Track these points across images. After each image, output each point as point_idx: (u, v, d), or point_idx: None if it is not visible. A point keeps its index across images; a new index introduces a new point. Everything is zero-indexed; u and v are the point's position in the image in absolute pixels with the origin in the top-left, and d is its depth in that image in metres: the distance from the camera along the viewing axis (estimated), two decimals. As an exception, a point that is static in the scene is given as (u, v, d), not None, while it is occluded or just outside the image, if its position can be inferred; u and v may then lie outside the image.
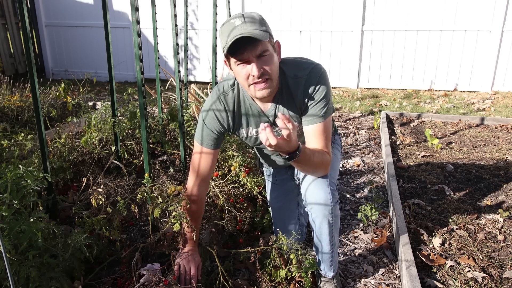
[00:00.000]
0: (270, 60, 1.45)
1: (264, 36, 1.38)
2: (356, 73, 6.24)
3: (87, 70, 7.04)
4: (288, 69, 1.59)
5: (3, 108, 3.79)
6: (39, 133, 2.04)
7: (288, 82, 1.59)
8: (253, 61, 1.41)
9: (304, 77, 1.56)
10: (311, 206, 1.65)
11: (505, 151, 3.41)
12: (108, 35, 2.48)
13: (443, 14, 5.67)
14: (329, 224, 1.65)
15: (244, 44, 1.38)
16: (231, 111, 1.66)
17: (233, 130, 1.73)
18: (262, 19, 1.45)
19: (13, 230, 1.49)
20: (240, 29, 1.37)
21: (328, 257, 1.75)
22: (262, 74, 1.43)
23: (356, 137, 4.07)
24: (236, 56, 1.42)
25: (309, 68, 1.57)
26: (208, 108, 1.67)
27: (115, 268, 1.86)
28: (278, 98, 1.61)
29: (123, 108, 3.07)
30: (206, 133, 1.68)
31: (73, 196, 2.45)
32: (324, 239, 1.71)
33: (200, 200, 1.76)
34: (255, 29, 1.38)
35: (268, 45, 1.43)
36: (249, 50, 1.39)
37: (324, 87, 1.56)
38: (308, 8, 6.13)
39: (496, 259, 1.96)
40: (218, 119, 1.66)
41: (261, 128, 1.30)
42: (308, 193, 1.66)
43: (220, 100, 1.65)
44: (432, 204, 2.53)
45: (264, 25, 1.44)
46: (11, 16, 7.10)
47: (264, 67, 1.43)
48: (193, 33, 6.71)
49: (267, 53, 1.43)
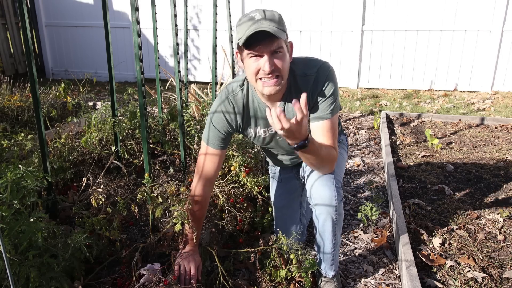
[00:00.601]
0: (283, 58, 1.46)
1: (281, 34, 1.41)
2: (356, 73, 6.24)
3: (87, 70, 7.04)
4: (297, 68, 1.61)
5: (3, 108, 3.79)
6: (39, 133, 2.04)
7: (297, 80, 1.60)
8: (266, 55, 1.43)
9: (313, 74, 1.58)
10: (315, 202, 1.65)
11: (505, 151, 3.41)
12: (108, 35, 2.48)
13: (443, 14, 5.67)
14: (332, 222, 1.65)
15: (261, 38, 1.40)
16: (240, 111, 1.67)
17: (242, 130, 1.74)
18: (281, 17, 1.47)
19: (13, 230, 1.49)
20: (259, 24, 1.40)
21: (329, 256, 1.75)
22: (273, 70, 1.45)
23: (356, 137, 4.07)
24: (250, 48, 1.43)
25: (317, 66, 1.60)
26: (217, 109, 1.68)
27: (115, 268, 1.86)
28: (287, 97, 1.62)
29: (123, 108, 3.07)
30: (213, 134, 1.68)
31: (73, 196, 2.45)
32: (327, 237, 1.70)
33: (203, 201, 1.76)
34: (274, 26, 1.40)
35: (283, 43, 1.45)
36: (264, 45, 1.42)
37: (333, 85, 1.58)
38: (308, 8, 6.13)
39: (496, 259, 1.96)
40: (226, 120, 1.67)
41: (273, 112, 1.27)
42: (313, 190, 1.66)
43: (229, 100, 1.66)
44: (432, 204, 2.53)
45: (282, 24, 1.46)
46: (11, 16, 7.10)
47: (276, 63, 1.45)
48: (195, 34, 6.71)
49: (281, 51, 1.45)
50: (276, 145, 1.83)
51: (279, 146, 1.83)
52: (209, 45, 6.60)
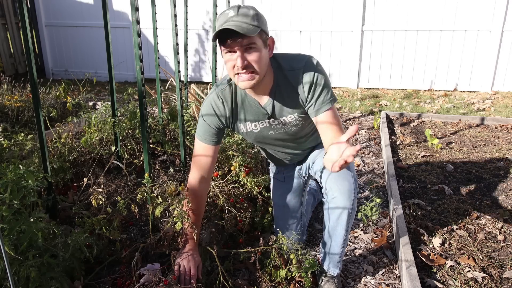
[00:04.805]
0: (256, 54, 1.47)
1: (250, 31, 1.41)
2: (356, 73, 6.24)
3: (87, 70, 7.04)
4: (284, 62, 1.63)
5: (3, 108, 3.79)
6: (39, 133, 2.04)
7: (286, 75, 1.61)
8: (239, 51, 1.45)
9: (301, 68, 1.59)
10: (334, 195, 1.64)
11: (505, 151, 3.41)
12: (108, 35, 2.49)
13: (443, 14, 5.67)
14: (348, 216, 1.65)
15: (232, 34, 1.42)
16: (229, 106, 1.69)
17: (232, 125, 1.75)
18: (256, 14, 1.47)
19: (13, 230, 1.49)
20: (230, 21, 1.42)
21: (338, 252, 1.74)
22: (246, 66, 1.47)
23: (356, 137, 4.07)
24: (223, 44, 1.47)
25: (304, 59, 1.62)
26: (207, 105, 1.71)
27: (115, 268, 1.86)
28: (275, 92, 1.64)
29: (123, 108, 3.07)
30: (205, 129, 1.71)
31: (73, 196, 2.45)
32: (339, 231, 1.69)
33: (200, 197, 1.77)
34: (244, 23, 1.41)
35: (257, 39, 1.46)
36: (234, 41, 1.44)
37: (323, 75, 1.61)
38: (308, 8, 6.13)
39: (496, 259, 1.96)
40: (216, 115, 1.69)
41: (350, 150, 1.21)
42: (332, 182, 1.65)
43: (218, 96, 1.69)
44: (432, 204, 2.53)
45: (257, 20, 1.46)
46: (11, 16, 7.10)
47: (248, 59, 1.47)
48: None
49: (253, 46, 1.46)
50: (271, 142, 1.84)
51: (274, 143, 1.84)
52: (209, 46, 6.60)
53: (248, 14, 1.45)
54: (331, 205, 1.67)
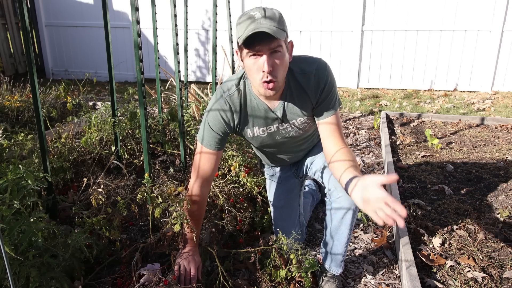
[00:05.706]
0: (282, 57, 1.45)
1: (280, 35, 1.39)
2: (356, 73, 6.24)
3: (87, 70, 7.04)
4: (294, 65, 1.60)
5: (3, 108, 3.79)
6: (39, 133, 2.04)
7: (296, 78, 1.60)
8: (265, 55, 1.41)
9: (313, 71, 1.59)
10: (339, 195, 1.64)
11: (505, 151, 3.41)
12: (108, 35, 2.49)
13: (443, 14, 5.67)
14: (353, 214, 1.65)
15: (260, 37, 1.38)
16: (237, 112, 1.64)
17: (239, 131, 1.71)
18: (281, 16, 1.46)
19: (13, 230, 1.49)
20: (258, 23, 1.38)
21: (341, 251, 1.74)
22: (272, 70, 1.43)
23: (356, 137, 4.07)
24: (250, 48, 1.42)
25: (315, 62, 1.61)
26: (213, 109, 1.64)
27: (115, 268, 1.86)
28: (286, 95, 1.62)
29: (123, 108, 3.07)
30: (209, 135, 1.65)
31: (73, 196, 2.45)
32: (343, 230, 1.69)
33: (201, 201, 1.75)
34: (273, 26, 1.39)
35: (282, 43, 1.44)
36: (263, 44, 1.40)
37: (333, 79, 1.62)
38: (308, 8, 6.13)
39: (496, 259, 1.96)
40: (223, 120, 1.64)
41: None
42: (334, 182, 1.65)
43: (226, 100, 1.63)
44: (432, 204, 2.53)
45: (282, 23, 1.44)
46: (11, 16, 7.10)
47: (275, 63, 1.43)
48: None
49: (280, 50, 1.43)
50: (275, 145, 1.83)
51: (279, 146, 1.83)
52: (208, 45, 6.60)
53: (275, 17, 1.42)
54: (336, 205, 1.66)
